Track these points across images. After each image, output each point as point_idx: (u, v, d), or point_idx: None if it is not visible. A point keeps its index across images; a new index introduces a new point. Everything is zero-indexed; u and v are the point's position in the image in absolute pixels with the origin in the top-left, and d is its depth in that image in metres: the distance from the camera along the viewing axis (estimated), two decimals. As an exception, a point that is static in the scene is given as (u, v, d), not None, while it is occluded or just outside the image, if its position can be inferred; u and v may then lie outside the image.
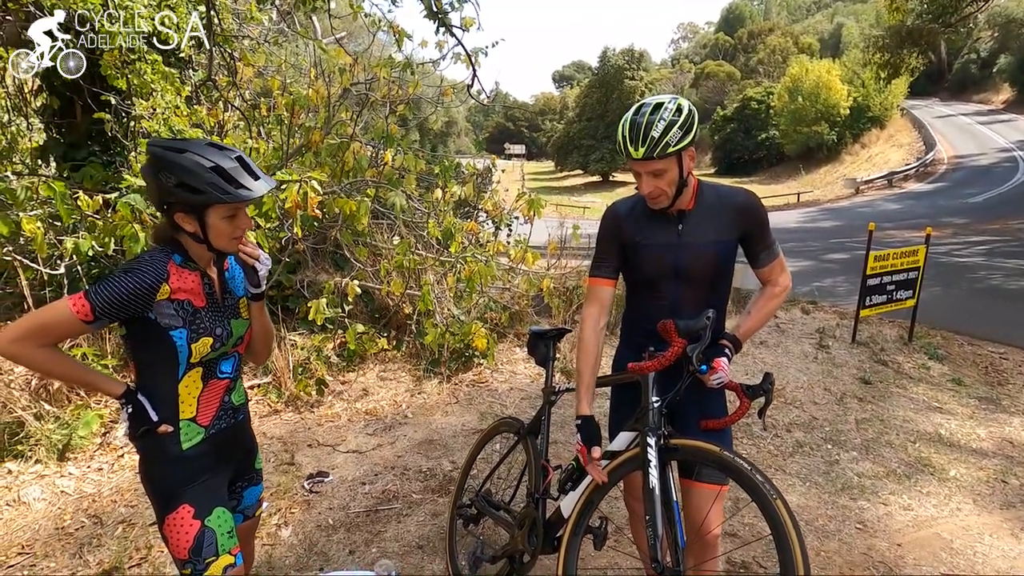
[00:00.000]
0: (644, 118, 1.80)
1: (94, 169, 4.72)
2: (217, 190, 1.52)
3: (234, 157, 1.58)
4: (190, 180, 1.51)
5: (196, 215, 1.56)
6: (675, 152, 1.80)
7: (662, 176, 1.84)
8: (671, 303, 2.01)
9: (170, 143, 1.58)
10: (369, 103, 5.86)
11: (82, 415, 3.84)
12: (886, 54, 22.22)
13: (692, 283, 1.98)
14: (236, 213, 1.62)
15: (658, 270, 1.99)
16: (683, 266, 1.96)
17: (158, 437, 1.61)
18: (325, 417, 4.31)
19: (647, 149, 1.78)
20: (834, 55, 52.75)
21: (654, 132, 1.78)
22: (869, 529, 3.21)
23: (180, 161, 1.52)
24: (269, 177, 1.66)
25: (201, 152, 1.54)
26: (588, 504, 1.95)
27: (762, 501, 1.59)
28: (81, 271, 4.47)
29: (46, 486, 3.44)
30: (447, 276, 5.36)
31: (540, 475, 2.37)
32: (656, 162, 1.81)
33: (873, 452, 4.11)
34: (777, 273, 2.05)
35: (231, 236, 1.63)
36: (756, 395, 1.88)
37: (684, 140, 1.80)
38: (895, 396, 5.22)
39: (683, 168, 1.85)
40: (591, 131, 50.04)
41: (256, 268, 1.73)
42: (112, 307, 1.49)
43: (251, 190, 1.57)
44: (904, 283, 6.54)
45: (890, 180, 30.57)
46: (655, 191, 1.87)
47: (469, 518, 2.78)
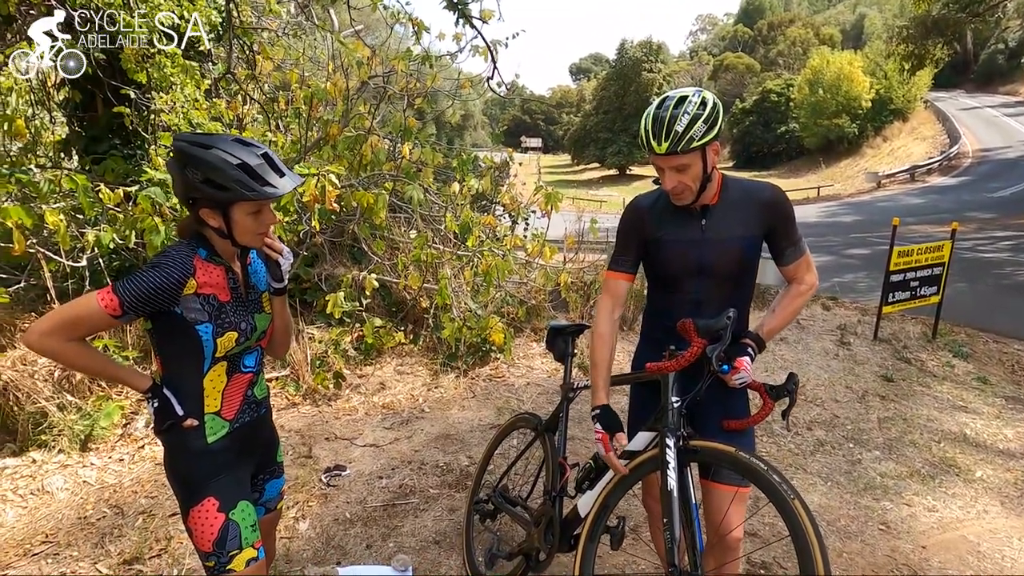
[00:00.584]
0: (668, 112, 1.76)
1: (115, 162, 4.76)
2: (243, 187, 1.52)
3: (260, 154, 1.58)
4: (216, 176, 1.51)
5: (221, 211, 1.56)
6: (699, 147, 1.75)
7: (686, 171, 1.80)
8: (693, 300, 1.97)
9: (197, 138, 1.58)
10: (387, 96, 5.85)
11: (104, 406, 3.89)
12: (910, 45, 21.78)
13: (715, 280, 1.94)
14: (261, 209, 1.61)
15: (681, 267, 1.95)
16: (707, 263, 1.91)
17: (183, 431, 1.62)
18: (343, 410, 4.32)
19: (671, 144, 1.74)
20: (856, 46, 51.91)
21: (678, 126, 1.73)
22: (893, 530, 3.15)
23: (207, 157, 1.51)
24: (294, 174, 1.65)
25: (228, 148, 1.54)
26: (604, 507, 1.93)
27: (779, 501, 1.55)
28: (103, 263, 4.52)
29: (69, 476, 3.49)
30: (464, 270, 5.35)
31: (557, 473, 2.35)
32: (680, 157, 1.77)
33: (896, 451, 4.03)
34: (803, 271, 2.00)
35: (256, 232, 1.63)
36: (780, 396, 1.83)
37: (709, 134, 1.75)
38: (918, 394, 5.12)
39: (707, 163, 1.81)
40: (608, 124, 49.73)
41: (279, 263, 1.73)
42: (139, 302, 1.49)
43: (277, 187, 1.57)
44: (928, 279, 6.42)
45: (912, 174, 30.01)
46: (679, 187, 1.83)
47: (486, 514, 2.77)
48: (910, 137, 39.04)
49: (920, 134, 38.82)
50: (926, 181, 29.15)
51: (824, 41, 59.05)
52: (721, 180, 1.93)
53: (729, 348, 1.80)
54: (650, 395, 2.15)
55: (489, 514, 2.76)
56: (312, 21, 6.56)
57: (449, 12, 3.70)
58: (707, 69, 73.29)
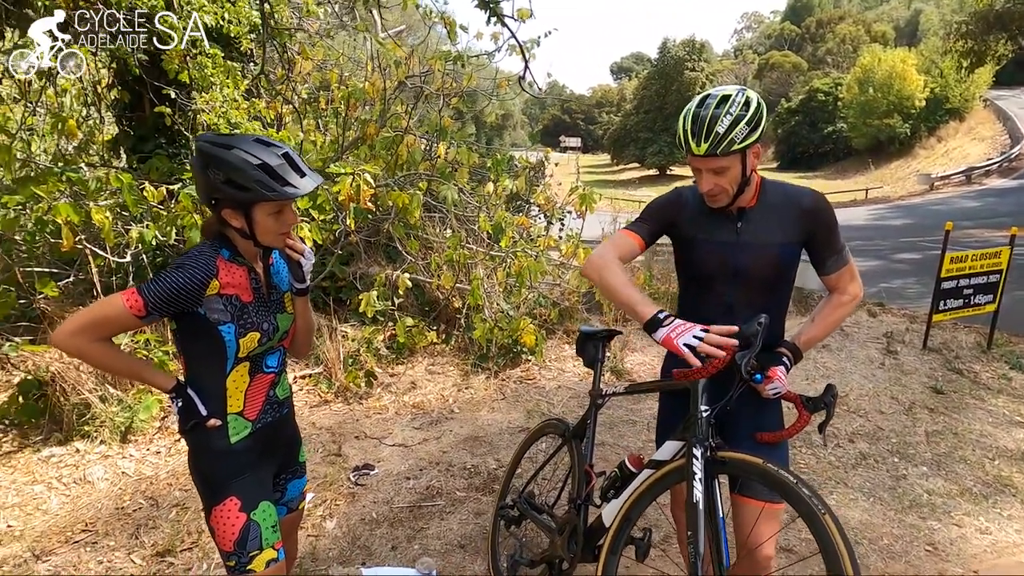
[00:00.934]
0: (709, 111, 1.68)
1: (160, 161, 4.89)
2: (263, 187, 1.52)
3: (281, 154, 1.57)
4: (237, 177, 1.51)
5: (243, 211, 1.57)
6: (740, 150, 1.68)
7: (724, 174, 1.72)
8: (726, 305, 1.90)
9: (218, 139, 1.59)
10: (424, 96, 5.87)
11: (143, 399, 3.99)
12: (969, 41, 20.84)
13: (749, 285, 1.86)
14: (282, 209, 1.61)
15: (714, 269, 1.87)
16: (741, 267, 1.84)
17: (207, 431, 1.63)
18: (373, 409, 4.34)
19: (710, 145, 1.66)
20: (910, 43, 50.02)
21: (719, 127, 1.65)
22: (940, 552, 2.99)
23: (227, 158, 1.52)
24: (316, 173, 1.64)
25: (248, 149, 1.54)
26: (627, 519, 1.85)
27: (809, 516, 1.47)
28: (146, 259, 4.64)
29: (109, 466, 3.59)
30: (497, 271, 5.33)
31: (583, 481, 2.29)
32: (719, 159, 1.69)
33: (945, 468, 3.84)
34: (846, 281, 1.91)
35: (277, 232, 1.63)
36: (817, 408, 1.74)
37: (751, 137, 1.67)
38: (971, 408, 4.87)
39: (747, 166, 1.73)
40: (649, 124, 49.12)
41: (300, 263, 1.73)
42: (164, 302, 1.50)
43: (297, 187, 1.56)
44: (984, 287, 6.11)
45: (969, 176, 28.79)
46: (715, 189, 1.75)
47: (511, 519, 2.73)
48: (967, 137, 37.42)
49: (978, 134, 37.17)
50: (983, 183, 27.93)
51: (876, 38, 57.13)
52: (760, 183, 1.85)
53: (763, 357, 1.72)
54: (680, 404, 2.07)
55: (514, 520, 2.72)
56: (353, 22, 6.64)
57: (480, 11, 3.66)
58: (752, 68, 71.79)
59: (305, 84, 6.05)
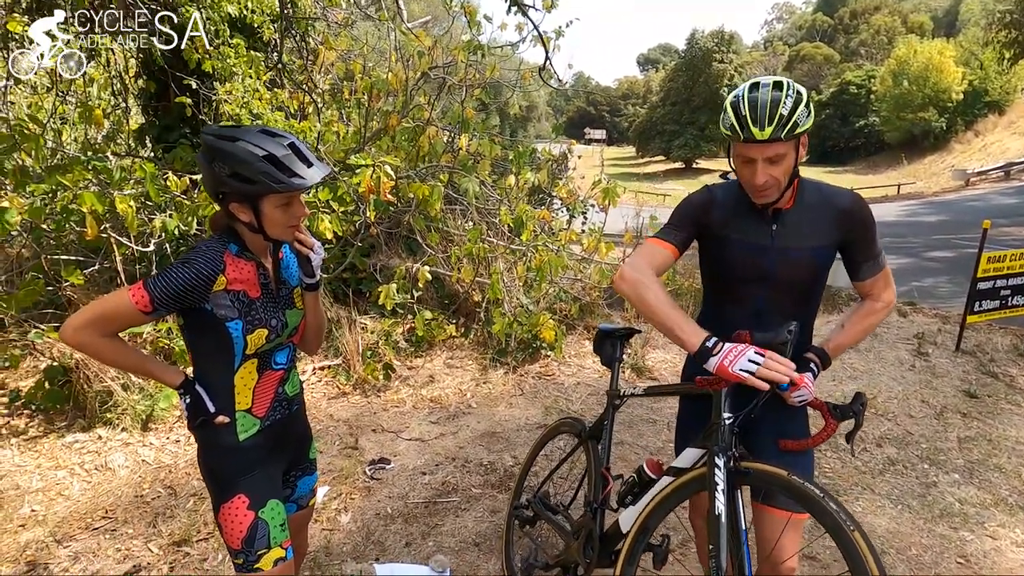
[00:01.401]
0: (768, 94, 1.57)
1: (184, 151, 4.92)
2: (270, 179, 1.48)
3: (287, 144, 1.53)
4: (243, 170, 1.47)
5: (251, 204, 1.53)
6: (801, 134, 1.59)
7: (779, 163, 1.61)
8: (755, 309, 1.81)
9: (223, 131, 1.54)
10: (447, 87, 5.82)
11: (163, 388, 4.03)
12: (1013, 31, 20.09)
13: (781, 290, 1.77)
14: (291, 201, 1.57)
15: (744, 272, 1.78)
16: (773, 271, 1.74)
17: (215, 427, 1.61)
18: (391, 402, 4.33)
19: (775, 128, 1.54)
20: (948, 34, 48.59)
21: (783, 109, 1.54)
22: (973, 565, 2.88)
23: (232, 150, 1.48)
24: (323, 163, 1.60)
25: (253, 140, 1.50)
26: (645, 529, 1.79)
27: (837, 531, 1.39)
28: (169, 249, 4.68)
29: (129, 454, 3.63)
30: (517, 265, 5.27)
31: (599, 484, 2.23)
32: (779, 145, 1.58)
33: (978, 476, 3.70)
34: (880, 288, 1.83)
35: (286, 225, 1.59)
36: (845, 417, 1.65)
37: (809, 121, 1.59)
38: (1006, 413, 4.70)
39: (798, 157, 1.65)
40: (675, 116, 48.49)
41: (310, 258, 1.69)
42: (170, 298, 1.48)
43: (304, 178, 1.52)
44: (1022, 288, 5.90)
45: (1007, 172, 27.88)
46: (769, 180, 1.63)
47: (526, 520, 2.69)
48: (1006, 132, 36.21)
49: (1019, 128, 35.92)
50: (1022, 180, 27.04)
51: (912, 29, 55.50)
52: (798, 183, 1.76)
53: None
54: (701, 409, 2.00)
55: (528, 520, 2.68)
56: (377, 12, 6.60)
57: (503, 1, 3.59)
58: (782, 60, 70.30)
59: (328, 75, 6.03)
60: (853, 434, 1.67)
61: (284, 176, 1.49)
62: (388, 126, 5.21)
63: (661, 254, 1.80)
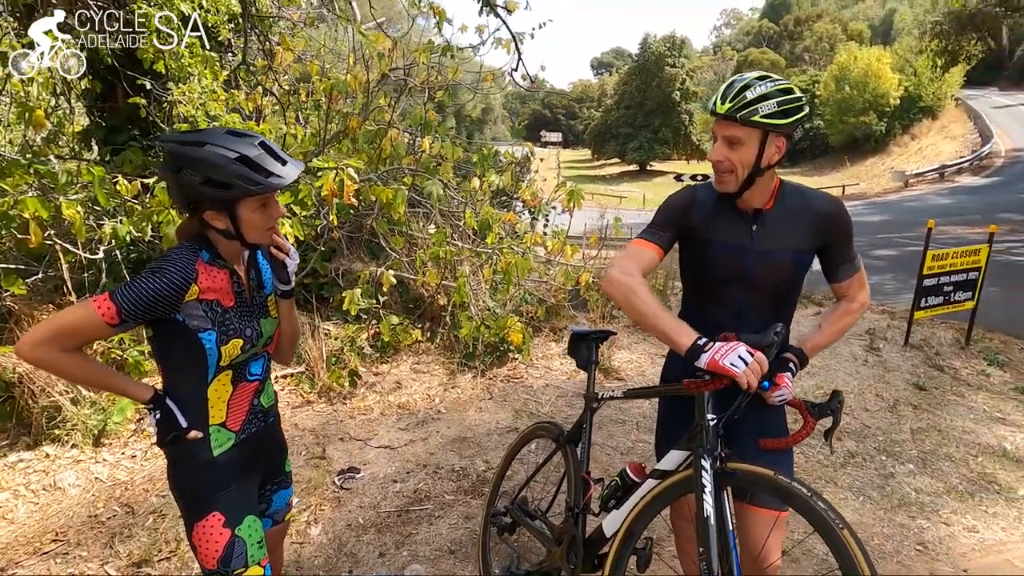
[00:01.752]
0: (746, 80, 1.66)
1: (134, 153, 4.72)
2: (247, 181, 1.42)
3: (257, 143, 1.47)
4: (216, 175, 1.40)
5: (226, 210, 1.46)
6: (760, 124, 1.62)
7: (736, 148, 1.66)
8: (735, 310, 1.84)
9: (186, 137, 1.47)
10: (407, 89, 5.75)
11: (117, 401, 3.85)
12: (944, 41, 21.19)
13: (760, 291, 1.80)
14: (267, 202, 1.52)
15: (725, 273, 1.81)
16: (754, 271, 1.77)
17: (188, 443, 1.53)
18: (357, 409, 4.25)
19: (732, 106, 1.62)
20: (885, 42, 50.73)
21: (749, 93, 1.62)
22: (931, 551, 2.99)
23: (202, 155, 1.41)
24: (296, 160, 1.54)
25: (222, 143, 1.43)
26: (631, 534, 1.78)
27: (826, 531, 1.41)
28: (120, 256, 4.48)
29: (81, 472, 3.45)
30: (483, 267, 5.24)
31: (580, 488, 2.22)
32: (735, 127, 1.64)
33: (931, 465, 3.86)
34: (856, 289, 1.88)
35: (264, 227, 1.53)
36: (823, 415, 1.68)
37: (777, 119, 1.62)
38: (952, 404, 4.92)
39: (763, 153, 1.67)
40: (629, 119, 49.26)
41: (285, 264, 1.63)
42: (139, 309, 1.40)
43: (282, 176, 1.47)
44: (963, 284, 6.19)
45: (942, 173, 29.30)
46: (724, 163, 1.69)
47: (504, 527, 2.66)
48: (939, 135, 38.11)
49: (950, 132, 37.86)
50: (955, 181, 28.46)
51: (852, 37, 57.94)
52: (779, 186, 1.80)
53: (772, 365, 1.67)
54: (682, 409, 2.01)
55: (507, 527, 2.65)
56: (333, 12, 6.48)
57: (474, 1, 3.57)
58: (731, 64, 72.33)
59: (285, 75, 5.88)
60: (831, 432, 1.69)
61: (261, 177, 1.43)
62: (348, 128, 5.11)
63: (647, 255, 1.82)
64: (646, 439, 3.96)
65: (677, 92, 46.94)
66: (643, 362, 5.29)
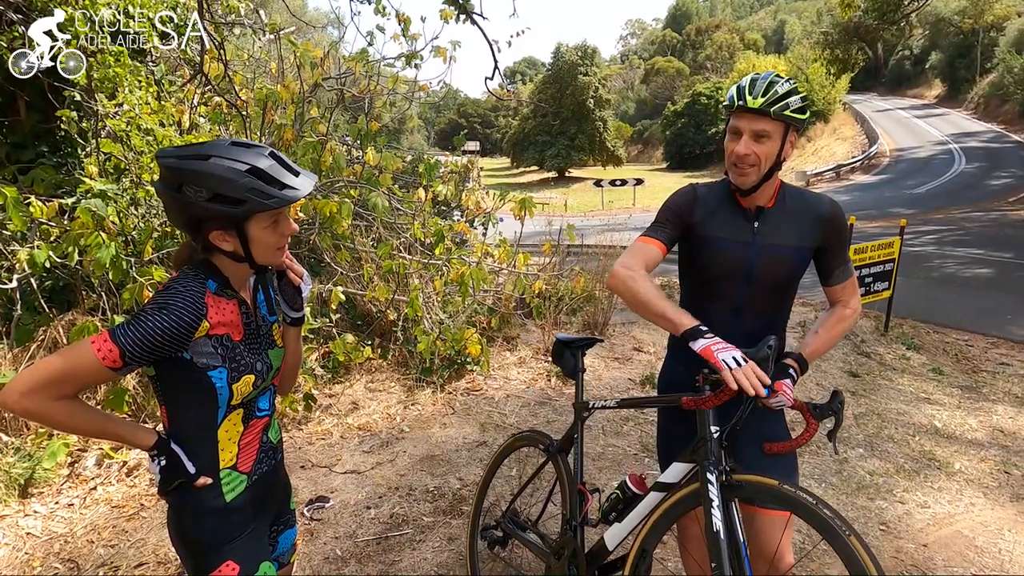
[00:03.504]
0: (769, 77, 1.72)
1: (45, 172, 4.30)
2: (259, 195, 1.28)
3: (267, 153, 1.34)
4: (225, 189, 1.26)
5: (236, 229, 1.32)
6: (789, 119, 1.69)
7: (763, 142, 1.71)
8: (734, 307, 1.86)
9: (187, 151, 1.32)
10: (343, 99, 5.57)
11: (47, 444, 3.48)
12: (836, 50, 22.93)
13: (761, 288, 1.83)
14: (278, 218, 1.39)
15: (727, 269, 1.83)
16: (755, 268, 1.81)
17: (195, 490, 1.38)
18: (315, 434, 4.04)
19: (766, 101, 1.67)
20: (778, 51, 54.34)
21: (779, 88, 1.68)
22: (893, 530, 3.17)
23: (208, 170, 1.26)
24: (308, 171, 1.41)
25: (230, 154, 1.29)
26: (643, 552, 1.74)
27: (833, 538, 1.42)
28: (34, 283, 4.07)
29: (8, 528, 3.08)
30: (433, 280, 5.14)
31: (577, 501, 2.17)
32: (766, 120, 1.69)
33: (878, 448, 4.10)
34: (849, 294, 1.93)
35: (276, 247, 1.40)
36: (825, 415, 1.71)
37: (800, 113, 1.70)
38: (883, 388, 5.27)
39: (784, 148, 1.73)
40: (546, 127, 50.02)
41: (299, 288, 1.51)
42: (144, 351, 1.24)
43: (296, 188, 1.34)
44: (880, 275, 6.66)
45: (838, 172, 31.59)
46: (751, 157, 1.72)
47: (495, 541, 2.60)
48: (832, 137, 41.16)
49: (841, 134, 40.98)
50: (850, 179, 30.75)
51: (749, 46, 61.57)
52: (780, 186, 1.85)
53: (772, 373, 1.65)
54: (681, 419, 2.03)
55: (499, 541, 2.59)
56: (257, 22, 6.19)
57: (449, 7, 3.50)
58: (638, 73, 75.15)
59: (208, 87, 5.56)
60: (835, 432, 1.72)
61: (275, 189, 1.30)
62: (283, 140, 4.89)
63: (650, 251, 1.85)
64: (614, 443, 3.99)
65: (591, 100, 48.15)
66: (598, 366, 5.35)
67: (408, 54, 4.82)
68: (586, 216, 20.23)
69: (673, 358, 2.10)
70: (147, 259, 3.91)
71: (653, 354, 5.68)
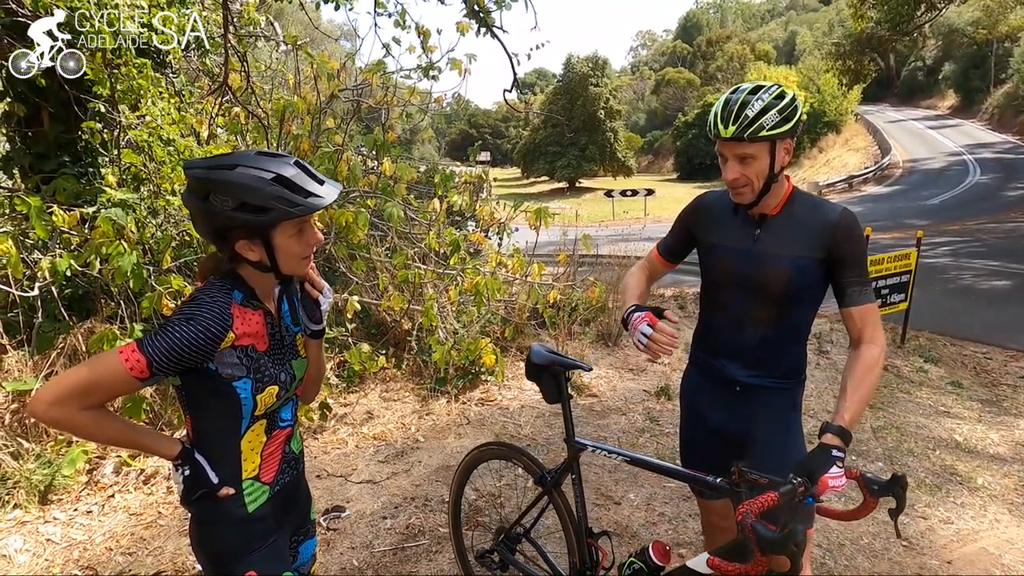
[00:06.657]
0: (741, 96, 1.67)
1: (67, 182, 4.37)
2: (285, 203, 1.29)
3: (292, 163, 1.35)
4: (252, 198, 1.28)
5: (261, 238, 1.34)
6: (768, 137, 1.65)
7: (750, 164, 1.69)
8: (734, 317, 1.86)
9: (213, 161, 1.34)
10: (359, 110, 5.62)
11: (66, 451, 3.51)
12: (848, 61, 22.87)
13: (759, 299, 1.80)
14: (303, 227, 1.39)
15: (723, 276, 1.86)
16: (750, 277, 1.79)
17: (219, 500, 1.38)
18: (331, 444, 4.05)
19: (738, 128, 1.64)
20: (789, 62, 54.26)
21: (749, 111, 1.64)
22: (916, 546, 3.12)
23: (235, 179, 1.28)
24: (332, 180, 1.43)
25: (256, 164, 1.31)
26: None
27: None
28: (55, 292, 4.12)
29: (29, 534, 3.11)
30: (448, 289, 5.15)
31: (580, 545, 2.06)
32: (745, 145, 1.67)
33: (897, 462, 4.05)
34: (871, 326, 1.73)
35: (301, 256, 1.41)
36: (883, 494, 1.49)
37: (781, 127, 1.65)
38: (902, 401, 5.20)
39: (775, 160, 1.70)
40: (557, 138, 50.10)
41: (319, 301, 1.52)
42: (171, 361, 1.25)
43: (321, 196, 1.34)
44: (897, 286, 6.60)
45: (850, 183, 31.39)
46: (740, 179, 1.71)
47: (495, 566, 2.52)
48: (844, 148, 40.93)
49: (853, 145, 40.75)
50: (862, 190, 30.54)
51: (760, 57, 61.53)
52: (790, 192, 1.83)
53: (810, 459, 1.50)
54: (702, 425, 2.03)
55: (499, 565, 2.51)
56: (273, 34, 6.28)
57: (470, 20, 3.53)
58: (649, 84, 75.29)
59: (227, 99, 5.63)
60: (897, 513, 1.53)
61: (300, 198, 1.31)
62: (300, 150, 4.94)
63: (650, 259, 2.12)
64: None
65: (602, 111, 48.24)
66: (612, 377, 5.32)
67: (426, 66, 4.84)
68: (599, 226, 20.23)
69: (693, 367, 2.10)
70: (166, 268, 3.95)
71: (668, 364, 5.65)
